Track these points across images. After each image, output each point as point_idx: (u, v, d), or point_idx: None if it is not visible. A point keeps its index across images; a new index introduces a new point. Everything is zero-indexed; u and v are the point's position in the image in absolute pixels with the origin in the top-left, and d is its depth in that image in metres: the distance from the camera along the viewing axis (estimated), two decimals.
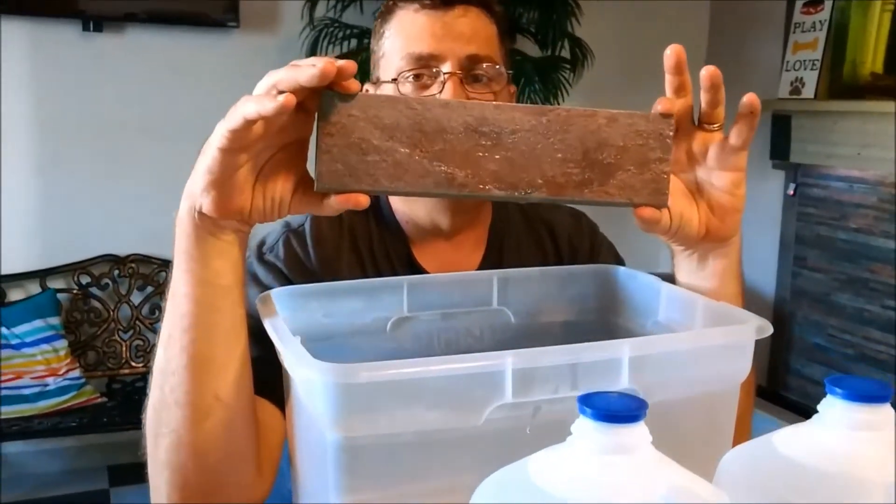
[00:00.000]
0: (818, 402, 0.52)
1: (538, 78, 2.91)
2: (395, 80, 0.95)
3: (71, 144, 2.91)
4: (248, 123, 0.62)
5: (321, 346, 0.82)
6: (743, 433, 0.86)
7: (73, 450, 2.98)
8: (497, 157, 0.68)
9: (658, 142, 0.70)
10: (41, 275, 2.90)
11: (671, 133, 0.70)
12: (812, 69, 3.11)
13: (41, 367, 2.73)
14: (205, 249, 0.70)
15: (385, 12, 0.99)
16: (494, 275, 0.89)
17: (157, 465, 0.75)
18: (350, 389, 0.58)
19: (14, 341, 2.73)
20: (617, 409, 0.45)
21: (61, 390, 2.72)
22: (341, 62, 0.63)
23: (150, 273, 3.01)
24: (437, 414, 0.61)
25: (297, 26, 2.96)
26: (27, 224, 2.91)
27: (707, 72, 0.70)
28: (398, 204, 1.03)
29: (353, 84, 0.65)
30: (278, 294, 0.80)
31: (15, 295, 2.89)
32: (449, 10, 0.94)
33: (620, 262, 1.10)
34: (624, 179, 0.70)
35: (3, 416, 2.59)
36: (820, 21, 3.12)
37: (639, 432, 0.45)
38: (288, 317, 0.80)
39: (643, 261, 1.87)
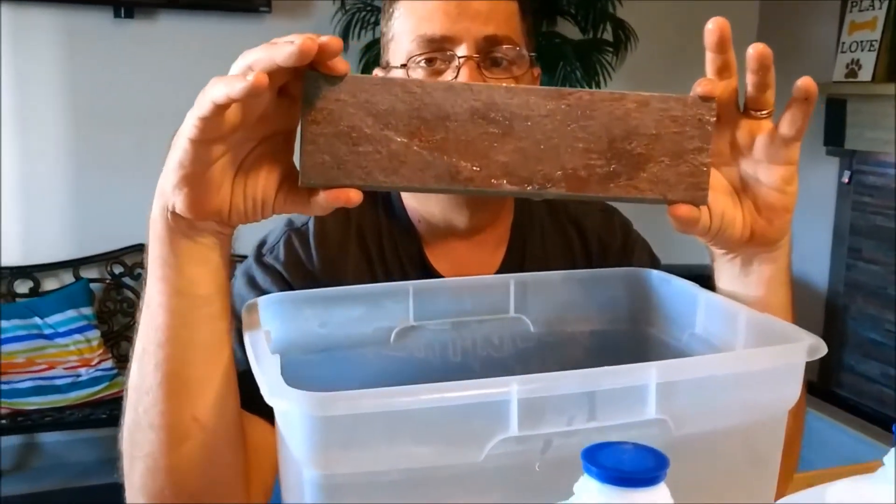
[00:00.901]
0: (873, 400, 0.42)
1: (579, 62, 2.80)
2: (404, 65, 0.86)
3: (103, 133, 2.88)
4: (219, 109, 0.55)
5: (317, 358, 0.75)
6: (790, 461, 0.77)
7: (109, 439, 2.95)
8: (508, 147, 0.59)
9: (697, 129, 0.61)
10: (74, 264, 2.88)
11: (712, 119, 0.61)
12: (870, 50, 2.95)
13: (74, 357, 2.72)
14: (179, 254, 0.63)
15: None
16: (511, 279, 0.80)
17: (133, 489, 0.69)
18: (328, 422, 0.50)
19: (47, 331, 2.73)
20: (630, 469, 0.36)
21: (93, 381, 2.70)
22: (324, 38, 0.55)
23: None
24: (430, 449, 0.53)
25: (328, 11, 2.91)
26: (60, 213, 2.89)
27: (755, 50, 0.60)
28: (410, 200, 0.94)
29: (341, 64, 0.57)
30: (268, 302, 0.72)
31: (49, 284, 2.88)
32: None
33: (656, 263, 1.00)
34: (656, 172, 0.61)
35: (35, 407, 2.59)
36: None
37: (658, 496, 0.37)
38: (279, 326, 0.73)
39: (689, 254, 1.76)
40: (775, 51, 0.61)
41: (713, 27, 0.61)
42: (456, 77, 0.83)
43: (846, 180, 3.18)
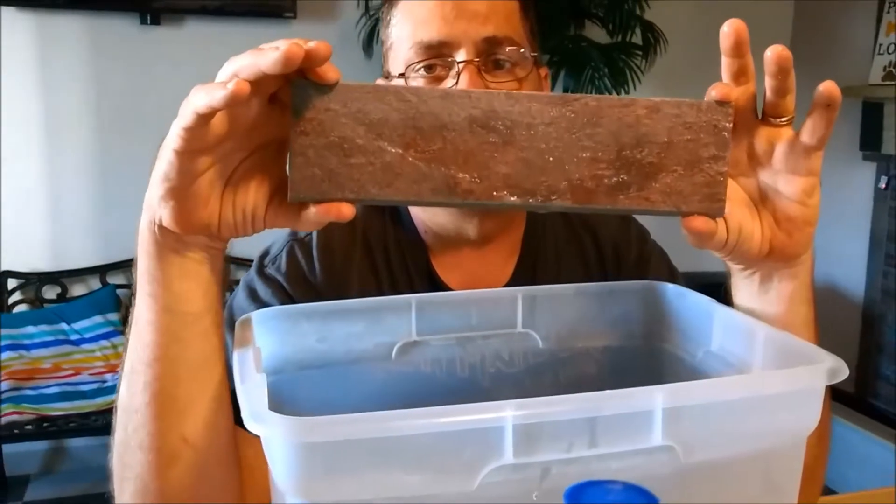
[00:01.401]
0: None
1: (607, 67, 2.75)
2: (402, 74, 0.83)
3: (130, 139, 2.89)
4: (202, 118, 0.52)
5: (315, 374, 0.73)
6: (812, 488, 0.73)
7: None
8: (510, 156, 0.56)
9: (712, 136, 0.57)
10: (101, 270, 2.90)
11: (728, 124, 0.57)
12: None
13: (100, 363, 2.73)
14: (167, 270, 0.61)
15: None
16: (519, 293, 0.77)
17: None
18: (310, 448, 0.48)
19: (74, 337, 2.74)
20: None
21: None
22: (312, 43, 0.52)
23: None
24: (419, 477, 0.50)
25: (353, 16, 2.90)
26: (87, 219, 2.91)
27: (773, 52, 0.56)
28: (417, 210, 0.91)
29: (330, 71, 0.54)
30: (264, 316, 0.70)
31: (76, 290, 2.90)
32: None
33: (674, 274, 0.96)
34: (669, 183, 0.57)
35: (61, 413, 2.60)
36: None
37: None
38: (276, 342, 0.70)
39: (709, 262, 1.71)
40: (810, 52, 0.58)
41: (728, 30, 0.58)
42: (456, 83, 0.80)
43: (883, 186, 3.09)
